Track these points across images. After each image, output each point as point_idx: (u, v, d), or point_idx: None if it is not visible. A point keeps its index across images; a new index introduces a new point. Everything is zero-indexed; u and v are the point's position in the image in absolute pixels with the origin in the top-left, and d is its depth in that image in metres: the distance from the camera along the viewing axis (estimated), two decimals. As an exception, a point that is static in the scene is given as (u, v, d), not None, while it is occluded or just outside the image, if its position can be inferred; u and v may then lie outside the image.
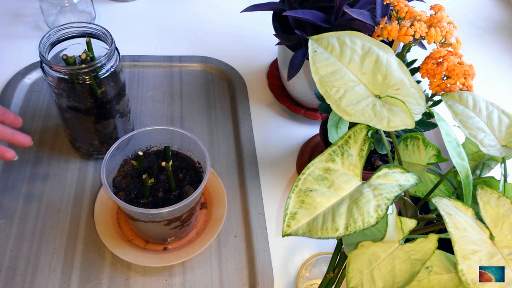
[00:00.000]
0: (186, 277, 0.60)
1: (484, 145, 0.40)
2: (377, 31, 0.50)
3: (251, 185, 0.68)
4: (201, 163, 0.60)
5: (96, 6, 0.91)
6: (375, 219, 0.34)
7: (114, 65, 0.59)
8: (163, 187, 0.57)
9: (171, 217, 0.55)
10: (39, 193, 0.66)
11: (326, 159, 0.39)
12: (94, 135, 0.66)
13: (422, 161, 0.47)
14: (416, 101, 0.40)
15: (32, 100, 0.77)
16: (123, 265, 0.60)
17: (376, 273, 0.38)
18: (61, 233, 0.62)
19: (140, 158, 0.56)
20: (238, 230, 0.64)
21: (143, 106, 0.78)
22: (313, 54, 0.41)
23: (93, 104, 0.61)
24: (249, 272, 0.61)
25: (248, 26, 0.93)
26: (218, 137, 0.75)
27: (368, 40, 0.42)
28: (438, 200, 0.37)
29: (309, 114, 0.77)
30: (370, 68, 0.41)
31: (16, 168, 0.68)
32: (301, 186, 0.38)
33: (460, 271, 0.34)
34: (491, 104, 0.44)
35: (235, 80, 0.82)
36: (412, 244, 0.38)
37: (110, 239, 0.59)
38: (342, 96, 0.40)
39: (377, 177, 0.38)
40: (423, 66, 0.47)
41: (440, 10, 0.48)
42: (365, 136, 0.40)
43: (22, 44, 0.85)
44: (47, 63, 0.56)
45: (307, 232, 0.36)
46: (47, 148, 0.71)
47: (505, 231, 0.36)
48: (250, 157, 0.72)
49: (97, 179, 0.68)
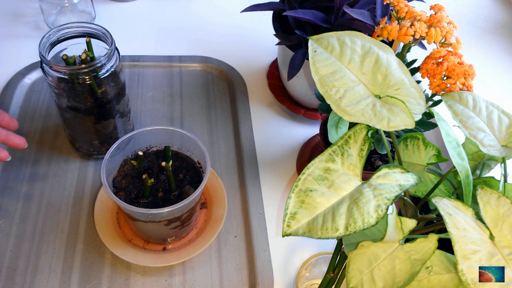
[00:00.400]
0: (186, 277, 0.60)
1: (484, 145, 0.40)
2: (377, 31, 0.50)
3: (251, 185, 0.68)
4: (201, 163, 0.60)
5: (96, 6, 0.91)
6: (375, 219, 0.34)
7: (114, 65, 0.59)
8: (163, 187, 0.57)
9: (171, 217, 0.55)
10: (39, 193, 0.66)
11: (326, 159, 0.39)
12: (94, 135, 0.66)
13: (422, 161, 0.47)
14: (416, 101, 0.40)
15: (32, 100, 0.77)
16: (123, 265, 0.60)
17: (376, 273, 0.38)
18: (61, 233, 0.62)
19: (140, 158, 0.56)
20: (238, 230, 0.64)
21: (143, 106, 0.78)
22: (313, 54, 0.41)
23: (93, 104, 0.61)
24: (249, 272, 0.61)
25: (248, 26, 0.93)
26: (218, 137, 0.75)
27: (368, 40, 0.42)
28: (438, 200, 0.37)
29: (309, 114, 0.77)
30: (370, 68, 0.41)
31: (16, 168, 0.68)
32: (301, 186, 0.38)
33: (460, 271, 0.34)
34: (491, 104, 0.44)
35: (235, 80, 0.82)
36: (412, 244, 0.38)
37: (110, 239, 0.59)
38: (342, 96, 0.40)
39: (377, 177, 0.38)
40: (423, 66, 0.47)
41: (440, 10, 0.48)
42: (365, 136, 0.40)
43: (22, 44, 0.85)
44: (47, 63, 0.56)
45: (307, 232, 0.36)
46: (47, 148, 0.71)
47: (505, 231, 0.36)
48: (250, 157, 0.72)
49: (97, 179, 0.68)
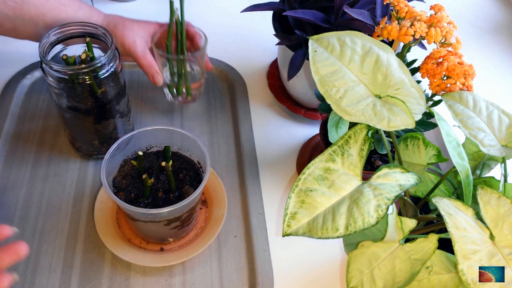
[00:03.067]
0: (186, 277, 0.60)
1: (484, 145, 0.40)
2: (377, 31, 0.50)
3: (251, 185, 0.68)
4: (201, 163, 0.60)
5: (96, 6, 0.91)
6: (375, 219, 0.34)
7: (114, 65, 0.59)
8: (163, 187, 0.57)
9: (171, 217, 0.55)
10: (39, 193, 0.66)
11: (326, 159, 0.39)
12: (94, 135, 0.66)
13: (422, 161, 0.47)
14: (416, 101, 0.40)
15: (32, 100, 0.77)
16: (123, 265, 0.60)
17: (376, 273, 0.38)
18: (61, 233, 0.62)
19: (140, 158, 0.56)
20: (238, 230, 0.64)
21: (143, 106, 0.78)
22: (313, 54, 0.42)
23: (93, 104, 0.61)
24: (249, 272, 0.61)
25: (248, 26, 0.93)
26: (218, 137, 0.75)
27: (369, 40, 0.42)
28: (438, 200, 0.37)
29: (309, 114, 0.77)
30: (371, 68, 0.41)
31: (16, 168, 0.68)
32: (301, 186, 0.38)
33: (460, 271, 0.34)
34: (491, 104, 0.44)
35: (235, 80, 0.82)
36: (412, 244, 0.38)
37: (110, 239, 0.59)
38: (342, 96, 0.40)
39: (377, 177, 0.38)
40: (423, 66, 0.47)
41: (440, 10, 0.48)
42: (365, 136, 0.40)
43: (22, 44, 0.85)
44: (47, 63, 0.56)
45: (307, 232, 0.36)
46: (47, 148, 0.71)
47: (505, 231, 0.36)
48: (250, 157, 0.72)
49: (97, 179, 0.68)
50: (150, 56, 0.67)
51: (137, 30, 0.67)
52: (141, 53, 0.66)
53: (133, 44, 0.66)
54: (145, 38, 0.68)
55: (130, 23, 0.67)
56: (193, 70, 0.71)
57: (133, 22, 0.68)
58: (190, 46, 0.71)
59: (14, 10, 0.60)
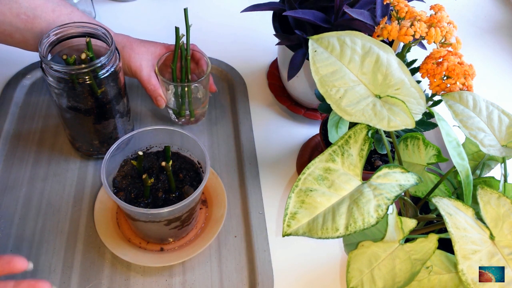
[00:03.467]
0: (186, 277, 0.60)
1: (484, 145, 0.40)
2: (377, 31, 0.50)
3: (251, 185, 0.68)
4: (201, 163, 0.60)
5: (96, 6, 0.91)
6: (375, 219, 0.34)
7: (114, 65, 0.59)
8: (163, 187, 0.57)
9: (171, 217, 0.55)
10: (39, 193, 0.66)
11: (326, 159, 0.39)
12: (94, 135, 0.66)
13: (422, 161, 0.47)
14: (416, 101, 0.40)
15: (32, 100, 0.77)
16: (123, 265, 0.60)
17: (376, 273, 0.38)
18: (61, 233, 0.62)
19: (140, 158, 0.56)
20: (238, 230, 0.64)
21: (143, 106, 0.78)
22: (313, 54, 0.42)
23: (93, 104, 0.61)
24: (249, 272, 0.61)
25: (248, 26, 0.93)
26: (218, 137, 0.75)
27: (369, 40, 0.42)
28: (438, 200, 0.37)
29: (309, 114, 0.77)
30: (371, 68, 0.41)
31: (16, 168, 0.68)
32: (301, 186, 0.38)
33: (460, 271, 0.34)
34: (491, 104, 0.44)
35: (235, 80, 0.82)
36: (412, 244, 0.38)
37: (110, 239, 0.59)
38: (342, 96, 0.40)
39: (377, 177, 0.38)
40: (423, 66, 0.47)
41: (440, 10, 0.48)
42: (365, 136, 0.40)
43: (22, 44, 0.85)
44: (47, 63, 0.56)
45: (307, 232, 0.36)
46: (47, 148, 0.71)
47: (505, 231, 0.36)
48: (250, 157, 0.72)
49: (97, 179, 0.68)
50: (155, 80, 0.69)
51: (144, 54, 0.69)
52: (146, 77, 0.69)
53: (140, 68, 0.68)
54: (152, 61, 0.70)
55: (138, 46, 0.69)
56: (197, 92, 0.72)
57: (140, 45, 0.70)
58: (195, 67, 0.73)
59: (26, 23, 0.62)
